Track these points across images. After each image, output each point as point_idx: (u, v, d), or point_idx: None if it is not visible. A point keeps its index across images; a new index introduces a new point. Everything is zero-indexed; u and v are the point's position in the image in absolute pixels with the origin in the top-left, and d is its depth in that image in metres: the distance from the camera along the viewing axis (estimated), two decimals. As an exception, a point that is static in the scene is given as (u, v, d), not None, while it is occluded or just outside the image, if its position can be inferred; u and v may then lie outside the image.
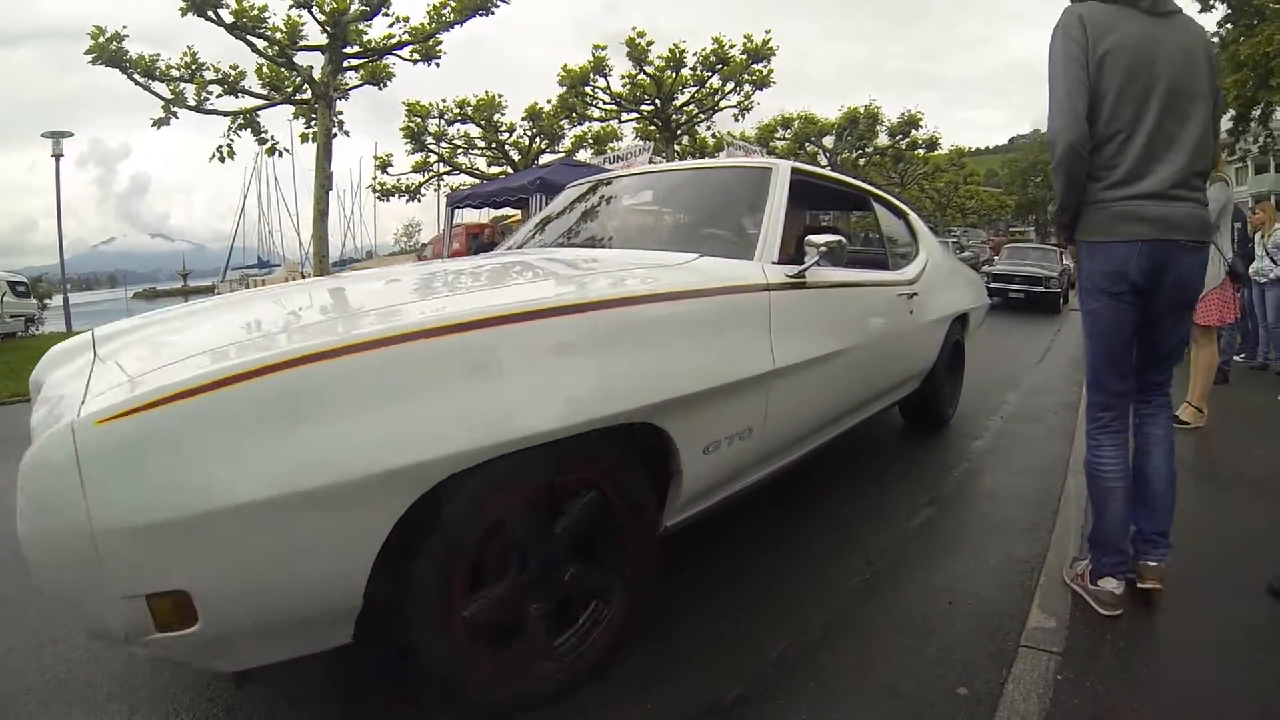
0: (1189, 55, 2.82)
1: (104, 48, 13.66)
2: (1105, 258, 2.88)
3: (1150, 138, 2.76)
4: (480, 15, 14.62)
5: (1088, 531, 3.28)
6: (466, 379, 2.08)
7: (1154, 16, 2.82)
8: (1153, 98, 2.76)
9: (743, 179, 4.20)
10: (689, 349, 2.70)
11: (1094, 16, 2.81)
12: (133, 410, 1.70)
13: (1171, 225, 2.78)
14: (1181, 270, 2.85)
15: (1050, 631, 2.85)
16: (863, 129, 32.91)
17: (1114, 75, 2.76)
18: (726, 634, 2.94)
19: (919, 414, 6.01)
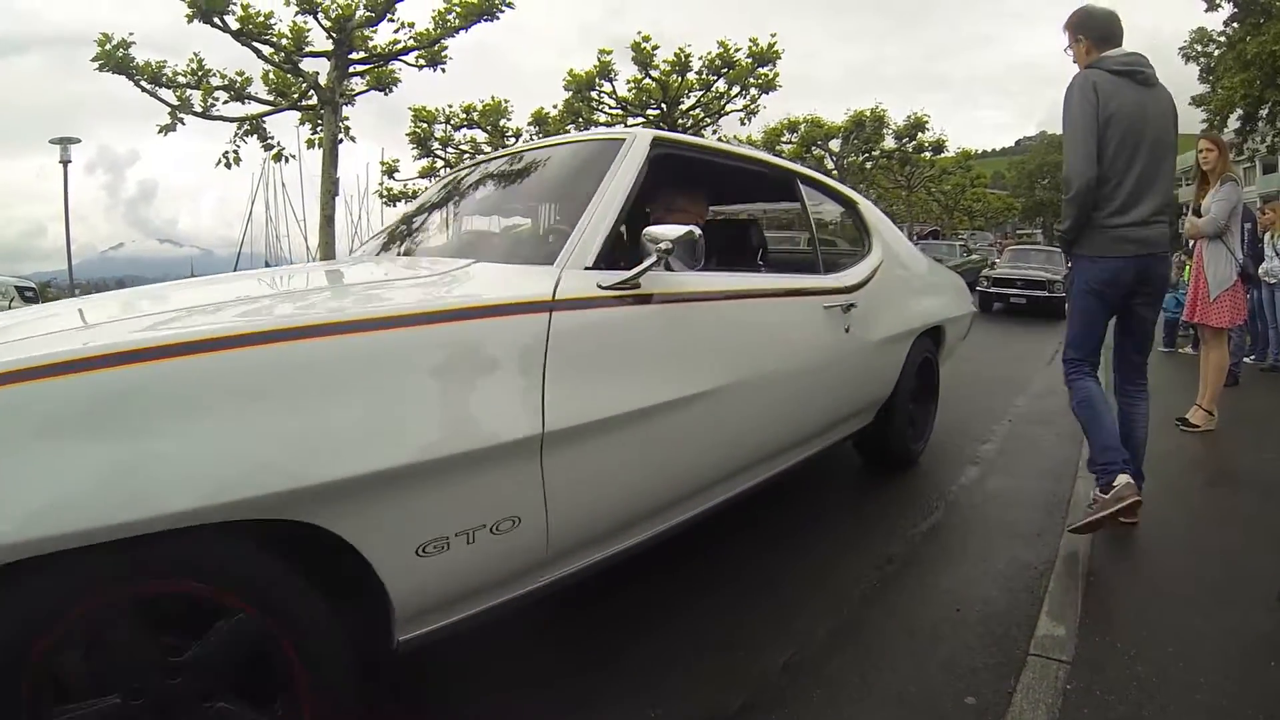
0: (1165, 118, 3.70)
1: (111, 54, 13.70)
2: (1104, 268, 3.74)
3: (1138, 181, 3.59)
4: (486, 20, 14.63)
5: (1087, 459, 4.18)
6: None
7: (1145, 87, 3.65)
8: (1140, 150, 3.59)
9: (581, 156, 3.29)
10: (372, 406, 1.86)
11: (1103, 84, 3.58)
12: None
13: (1150, 244, 3.68)
14: (1156, 274, 3.81)
15: (1059, 639, 2.82)
16: (869, 132, 32.84)
17: (1115, 132, 3.55)
18: (730, 639, 2.92)
19: (875, 453, 5.01)
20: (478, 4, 14.26)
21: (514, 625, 2.52)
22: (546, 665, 2.73)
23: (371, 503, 1.84)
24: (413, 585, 1.98)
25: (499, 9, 14.41)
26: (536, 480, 2.17)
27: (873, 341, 4.24)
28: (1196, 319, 6.17)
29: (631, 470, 2.58)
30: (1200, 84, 31.23)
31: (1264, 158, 38.80)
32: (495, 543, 2.11)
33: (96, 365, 1.54)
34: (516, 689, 2.61)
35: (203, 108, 15.11)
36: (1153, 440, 5.46)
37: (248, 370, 1.70)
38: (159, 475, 1.55)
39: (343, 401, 1.81)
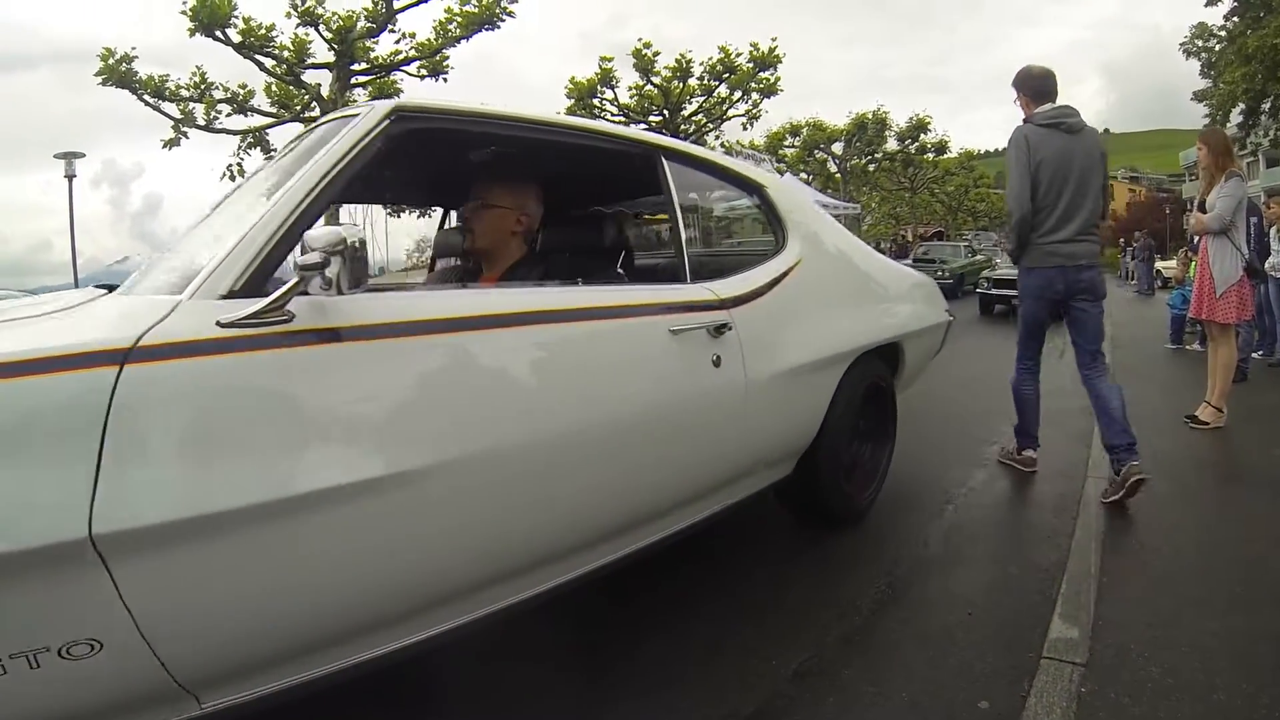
0: (1090, 157, 4.53)
1: (114, 69, 13.75)
2: (1038, 277, 4.69)
3: (1065, 209, 4.51)
4: (487, 30, 14.67)
5: (1015, 425, 5.23)
6: None
7: (1070, 134, 4.52)
8: (1067, 185, 4.49)
9: (307, 144, 2.43)
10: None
11: (1033, 136, 4.54)
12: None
13: (1075, 256, 4.55)
14: (1083, 280, 4.60)
15: (1073, 642, 2.80)
16: (871, 134, 32.86)
17: (1045, 173, 4.49)
18: (741, 646, 2.90)
19: (803, 509, 4.01)
20: (479, 13, 14.32)
21: (520, 632, 2.51)
22: (554, 672, 2.72)
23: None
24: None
25: (500, 18, 14.47)
26: (111, 594, 1.58)
27: (772, 373, 3.19)
28: (1203, 315, 6.13)
29: (296, 578, 1.87)
30: (1201, 79, 31.22)
31: (1267, 152, 38.75)
32: (71, 669, 1.57)
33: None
34: (525, 695, 2.61)
35: (206, 121, 15.17)
36: (1162, 439, 5.48)
37: None
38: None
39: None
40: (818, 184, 31.21)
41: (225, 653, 1.80)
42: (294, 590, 1.87)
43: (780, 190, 3.89)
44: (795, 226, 3.75)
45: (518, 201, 3.25)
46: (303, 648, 1.94)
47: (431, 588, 2.18)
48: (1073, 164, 4.48)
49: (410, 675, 2.33)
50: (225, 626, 1.78)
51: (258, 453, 1.77)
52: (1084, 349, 4.80)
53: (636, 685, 2.64)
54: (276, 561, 1.81)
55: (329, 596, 1.94)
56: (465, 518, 2.18)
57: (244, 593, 1.78)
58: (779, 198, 3.80)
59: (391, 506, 1.97)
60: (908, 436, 5.99)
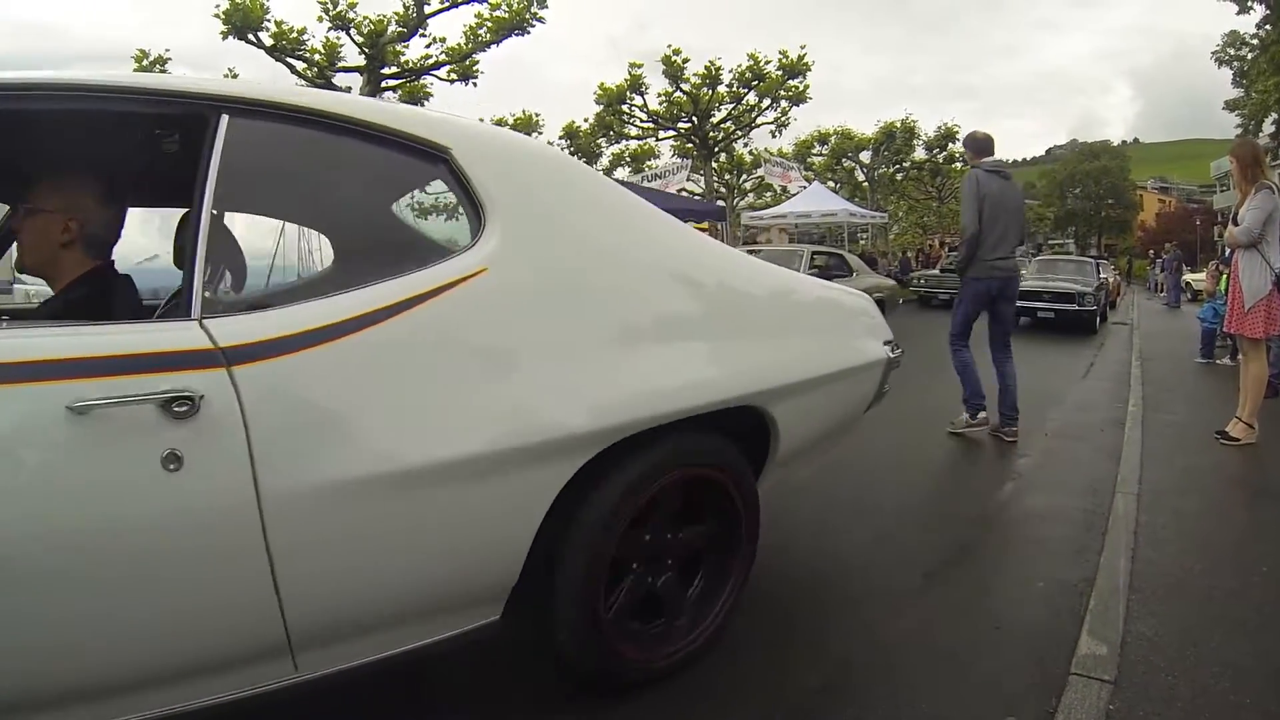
0: (1017, 198, 6.49)
1: (147, 71, 13.90)
2: (983, 284, 6.22)
3: (1000, 235, 6.10)
4: (517, 35, 14.72)
5: (964, 396, 6.46)
6: None
7: (1004, 179, 6.27)
8: (999, 218, 6.09)
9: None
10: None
11: (981, 178, 6.12)
12: None
13: (1005, 270, 6.22)
14: (1009, 287, 6.36)
15: (1101, 659, 2.77)
16: (899, 143, 32.76)
17: (988, 207, 6.04)
18: (765, 659, 2.88)
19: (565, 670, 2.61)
20: (509, 19, 14.36)
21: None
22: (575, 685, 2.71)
23: None
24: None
25: (530, 24, 14.51)
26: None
27: (340, 481, 1.90)
28: (1233, 329, 6.07)
29: None
30: (1234, 88, 30.92)
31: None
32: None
33: None
34: (544, 705, 2.61)
35: (237, 122, 15.27)
36: (1193, 455, 5.43)
37: None
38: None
39: None
40: (845, 192, 31.13)
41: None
42: None
43: (482, 153, 2.40)
44: (503, 210, 2.32)
45: (66, 201, 2.31)
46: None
47: None
48: (1007, 202, 6.22)
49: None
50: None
51: None
52: (999, 338, 6.48)
53: (652, 696, 2.62)
54: None
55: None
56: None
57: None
58: (476, 167, 2.33)
59: None
60: (933, 445, 5.99)
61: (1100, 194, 75.75)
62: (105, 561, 1.67)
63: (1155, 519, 4.23)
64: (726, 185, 30.54)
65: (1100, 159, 78.03)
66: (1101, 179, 75.61)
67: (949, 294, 20.68)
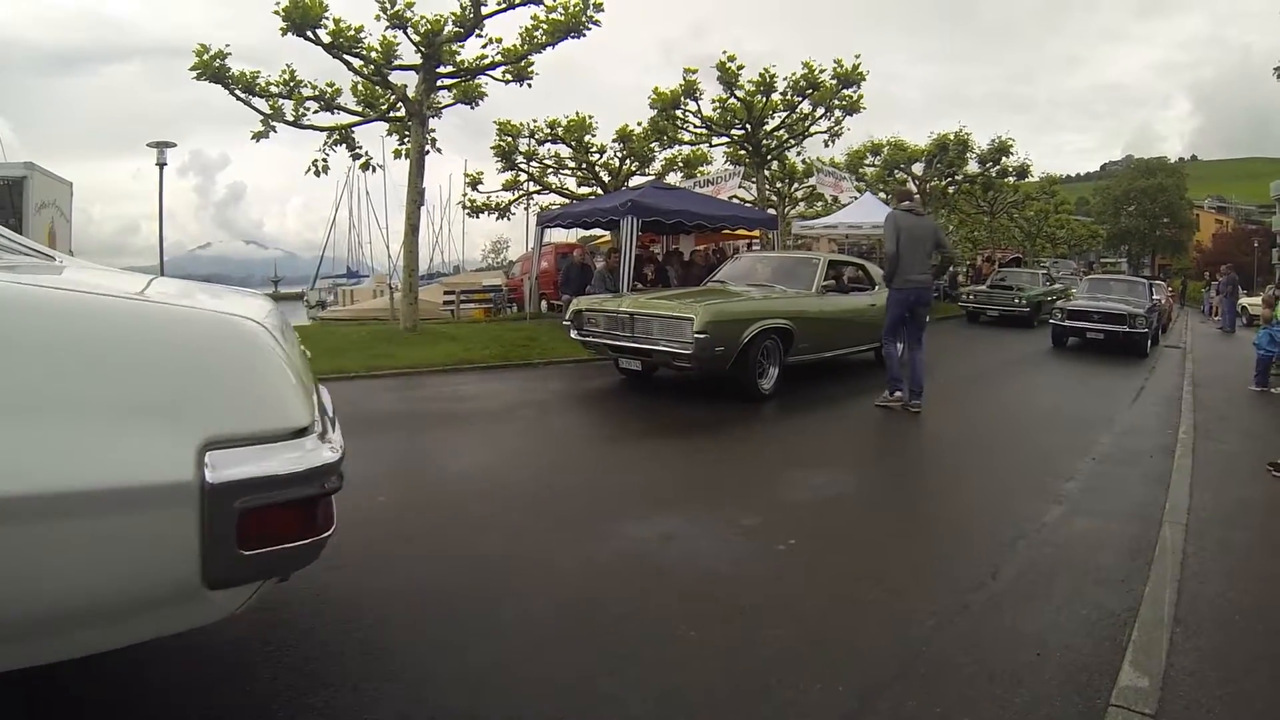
0: (926, 230, 8.53)
1: (208, 64, 14.10)
2: (904, 293, 8.30)
3: (911, 258, 8.23)
4: (573, 38, 14.75)
5: (888, 377, 8.49)
6: None
7: (916, 215, 8.61)
8: (914, 246, 8.23)
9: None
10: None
11: (899, 217, 8.34)
12: None
13: (918, 284, 8.34)
14: (923, 295, 8.51)
15: (1143, 691, 2.74)
16: (952, 155, 32.40)
17: (904, 238, 8.16)
18: (802, 672, 2.87)
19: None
20: (565, 21, 14.39)
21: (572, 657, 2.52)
22: (611, 691, 2.73)
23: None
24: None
25: (586, 27, 14.53)
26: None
27: None
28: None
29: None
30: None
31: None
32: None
33: None
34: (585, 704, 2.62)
35: (294, 117, 15.44)
36: (1244, 486, 5.35)
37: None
38: None
39: None
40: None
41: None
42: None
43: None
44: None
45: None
46: None
47: None
48: (917, 234, 8.29)
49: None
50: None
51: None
52: (915, 334, 8.51)
53: (687, 708, 2.63)
54: None
55: None
56: None
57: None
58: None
59: None
60: (981, 466, 5.94)
61: (1155, 212, 74.49)
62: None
63: (1202, 550, 4.18)
64: (778, 194, 30.42)
65: (1156, 176, 76.67)
66: (1157, 196, 74.35)
67: (999, 310, 20.57)
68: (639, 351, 8.78)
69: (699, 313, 8.03)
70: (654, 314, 8.57)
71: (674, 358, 8.28)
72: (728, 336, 8.16)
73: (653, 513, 4.63)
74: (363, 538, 4.02)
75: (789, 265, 11.02)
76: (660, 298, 9.47)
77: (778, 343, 8.92)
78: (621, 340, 8.87)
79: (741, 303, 9.04)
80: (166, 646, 2.36)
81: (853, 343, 10.80)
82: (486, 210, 26.90)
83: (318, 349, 11.68)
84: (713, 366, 8.34)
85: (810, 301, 9.72)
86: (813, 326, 9.47)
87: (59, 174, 13.15)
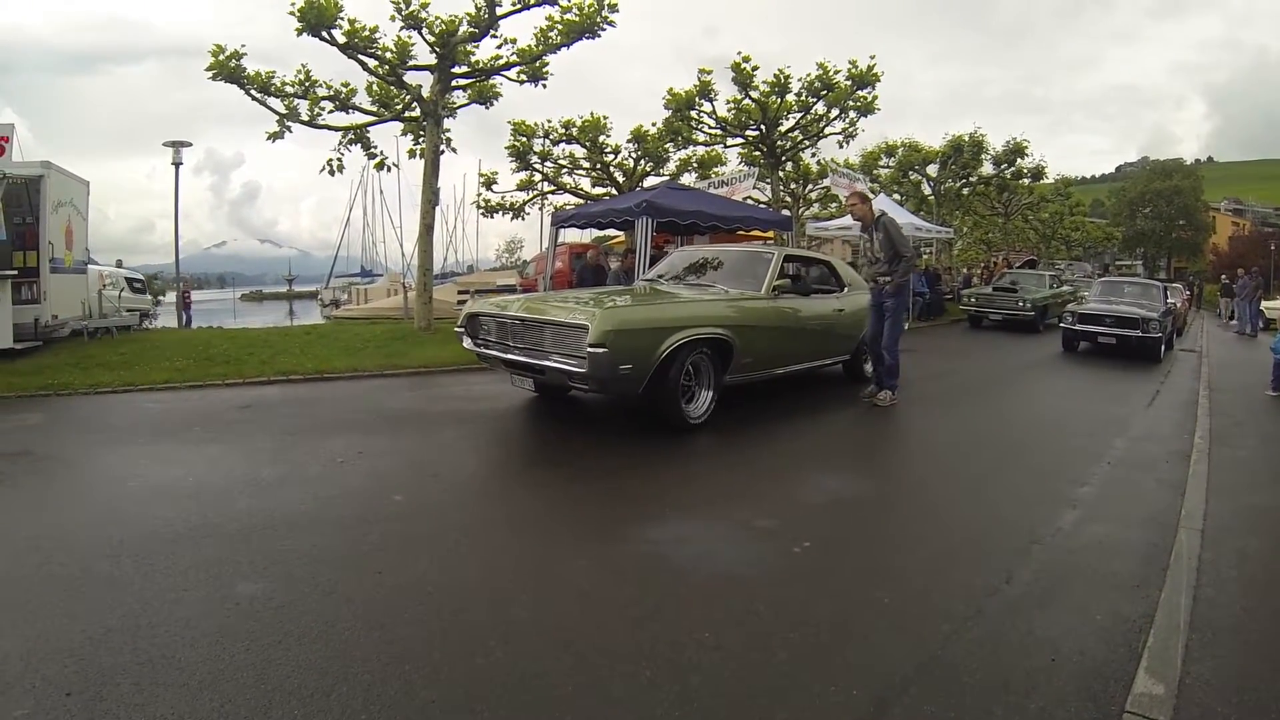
0: (892, 235, 8.59)
1: (224, 65, 14.16)
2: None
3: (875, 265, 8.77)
4: (587, 38, 14.76)
5: (891, 380, 8.45)
6: None
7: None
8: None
9: None
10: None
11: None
12: None
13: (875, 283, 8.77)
14: (883, 295, 8.62)
15: (1158, 699, 2.73)
16: (967, 157, 32.27)
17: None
18: (816, 674, 2.87)
19: None
20: (580, 22, 14.41)
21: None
22: (631, 697, 2.73)
23: None
24: None
25: (601, 27, 14.54)
26: None
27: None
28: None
29: None
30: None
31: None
32: None
33: None
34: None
35: (309, 117, 15.50)
36: (1261, 492, 5.33)
37: None
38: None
39: None
40: (911, 205, 30.78)
41: None
42: None
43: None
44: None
45: None
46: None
47: None
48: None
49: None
50: None
51: None
52: (892, 332, 8.55)
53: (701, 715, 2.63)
54: None
55: None
56: None
57: None
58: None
59: None
60: (994, 471, 5.92)
61: (1171, 214, 74.03)
62: None
63: (1219, 557, 4.15)
64: (792, 195, 30.33)
65: (1172, 178, 76.17)
66: (1173, 199, 73.90)
67: (1002, 314, 20.14)
68: (529, 368, 6.90)
69: (596, 320, 6.24)
70: (545, 320, 6.78)
71: (568, 377, 6.48)
72: (637, 351, 6.38)
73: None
74: (378, 534, 4.09)
75: (735, 262, 9.06)
76: (559, 299, 7.85)
77: (710, 358, 7.12)
78: (513, 352, 7.05)
79: (659, 307, 7.22)
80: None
81: (813, 355, 9.05)
82: (501, 210, 26.96)
83: (332, 347, 11.80)
84: (619, 389, 6.70)
85: (757, 306, 7.90)
86: (760, 337, 7.72)
87: (76, 173, 13.19)
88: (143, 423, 7.20)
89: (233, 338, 13.57)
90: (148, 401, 8.20)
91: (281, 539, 4.11)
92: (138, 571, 3.65)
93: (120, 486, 5.12)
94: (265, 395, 8.60)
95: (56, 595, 3.43)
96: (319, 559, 3.84)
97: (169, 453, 5.99)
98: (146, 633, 3.07)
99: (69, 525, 4.35)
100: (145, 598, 3.38)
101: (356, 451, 5.92)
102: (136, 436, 6.62)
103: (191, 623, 3.16)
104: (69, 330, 12.23)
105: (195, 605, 3.32)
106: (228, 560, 3.80)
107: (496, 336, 7.34)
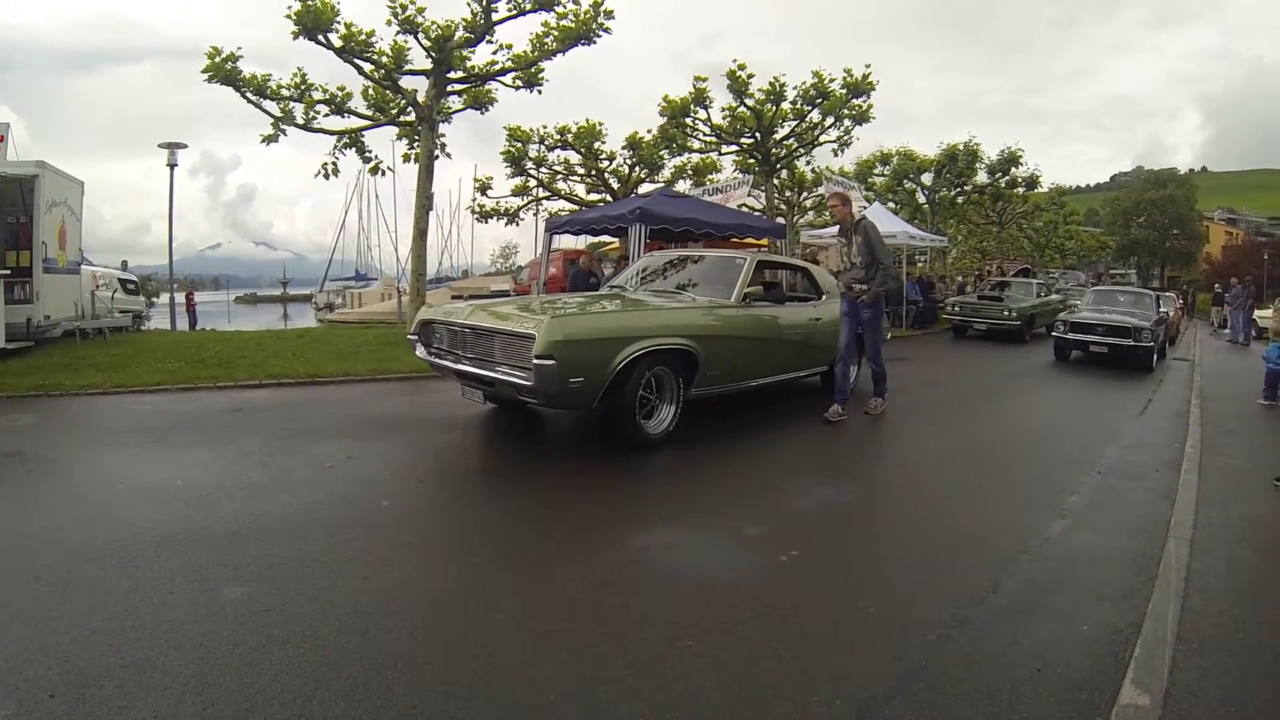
0: (871, 241, 8.24)
1: (220, 67, 14.19)
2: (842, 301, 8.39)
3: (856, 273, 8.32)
4: (583, 45, 14.79)
5: (881, 389, 8.52)
6: None
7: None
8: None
9: None
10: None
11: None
12: None
13: (852, 290, 8.31)
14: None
15: (1143, 710, 2.73)
16: (961, 166, 32.32)
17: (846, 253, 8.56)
18: (800, 681, 2.87)
19: None
20: (576, 29, 14.44)
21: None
22: (615, 704, 2.73)
23: None
24: None
25: (596, 34, 14.57)
26: None
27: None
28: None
29: None
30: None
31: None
32: None
33: None
34: None
35: (304, 120, 15.52)
36: (1251, 502, 5.34)
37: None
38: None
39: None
40: (905, 214, 30.84)
41: None
42: None
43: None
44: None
45: None
46: None
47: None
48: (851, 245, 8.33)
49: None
50: None
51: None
52: (873, 342, 8.49)
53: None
54: None
55: None
56: None
57: None
58: None
59: None
60: (983, 480, 5.92)
61: (1165, 224, 74.36)
62: None
63: (1208, 566, 4.16)
64: (787, 202, 30.34)
65: (1167, 187, 76.53)
66: (1167, 208, 74.21)
67: (987, 323, 19.75)
68: (479, 379, 6.49)
69: (543, 329, 5.82)
70: (493, 328, 6.40)
71: (517, 390, 6.07)
72: (589, 363, 5.99)
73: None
74: (365, 539, 4.10)
75: (706, 268, 8.60)
76: (513, 305, 7.25)
77: (672, 370, 6.70)
78: (463, 363, 6.65)
79: (615, 315, 6.76)
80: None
81: (788, 367, 8.56)
82: (495, 215, 26.94)
83: (325, 351, 11.80)
84: (570, 404, 6.32)
85: (726, 315, 7.41)
86: (728, 347, 7.29)
87: (71, 173, 13.21)
88: (133, 425, 7.18)
89: (225, 340, 13.58)
90: (139, 403, 8.19)
91: (268, 543, 4.10)
92: (124, 574, 3.64)
93: (109, 488, 5.11)
94: (256, 399, 8.58)
95: (42, 597, 3.42)
96: (305, 563, 3.83)
97: (158, 455, 5.97)
98: (131, 635, 3.07)
99: (56, 526, 4.33)
100: (131, 600, 3.37)
101: (345, 456, 5.91)
102: (126, 438, 6.61)
103: (176, 626, 3.15)
104: (61, 331, 12.23)
105: (180, 608, 3.31)
106: (214, 563, 3.79)
107: (448, 345, 6.98)
